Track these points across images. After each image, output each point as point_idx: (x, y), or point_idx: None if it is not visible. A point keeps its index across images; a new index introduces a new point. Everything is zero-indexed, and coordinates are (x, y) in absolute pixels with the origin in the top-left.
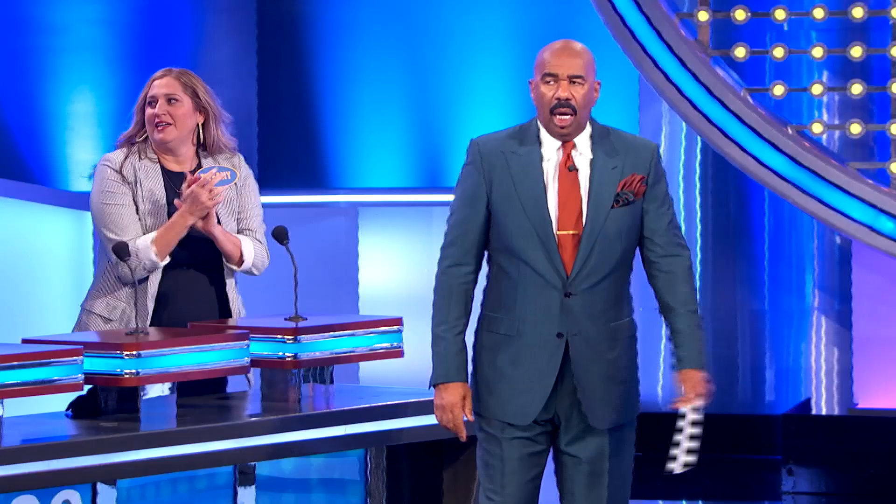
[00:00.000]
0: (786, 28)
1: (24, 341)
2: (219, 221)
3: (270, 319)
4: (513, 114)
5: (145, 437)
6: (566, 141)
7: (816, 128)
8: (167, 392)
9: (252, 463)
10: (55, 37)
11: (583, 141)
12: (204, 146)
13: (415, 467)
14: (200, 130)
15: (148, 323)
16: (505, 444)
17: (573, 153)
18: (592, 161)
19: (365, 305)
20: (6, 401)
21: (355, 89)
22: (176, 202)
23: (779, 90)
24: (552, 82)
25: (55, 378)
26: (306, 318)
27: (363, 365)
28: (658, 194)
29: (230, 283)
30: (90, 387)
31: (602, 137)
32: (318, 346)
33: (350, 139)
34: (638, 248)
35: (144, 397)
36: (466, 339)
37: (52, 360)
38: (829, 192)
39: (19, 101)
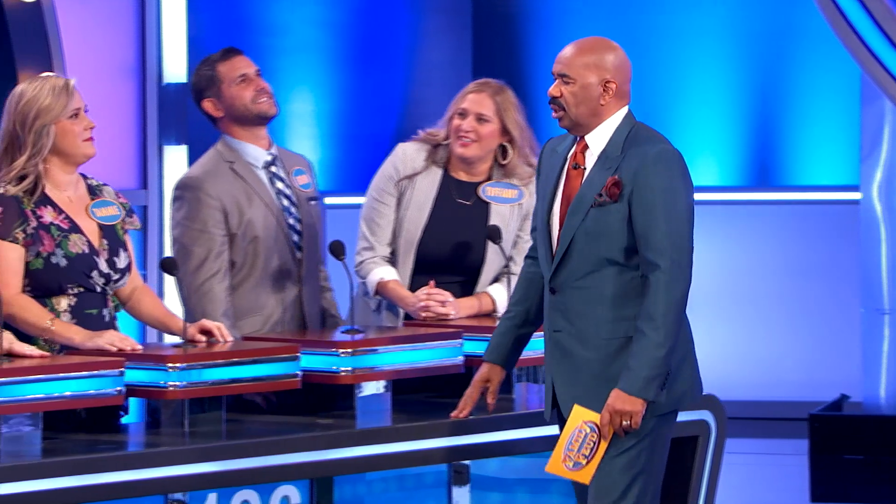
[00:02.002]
0: None
1: (245, 338)
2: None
3: (485, 319)
4: (728, 114)
5: (361, 434)
6: (579, 137)
7: None
8: (382, 390)
9: (466, 462)
10: (276, 37)
11: (596, 139)
12: (502, 166)
13: None
14: (506, 150)
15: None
16: None
17: (586, 152)
18: (597, 159)
19: None
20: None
21: None
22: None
23: None
24: (554, 80)
25: (273, 375)
26: None
27: None
28: (644, 202)
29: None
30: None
31: (619, 137)
32: (531, 346)
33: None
34: None
35: (360, 395)
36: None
37: (270, 357)
38: None
39: None
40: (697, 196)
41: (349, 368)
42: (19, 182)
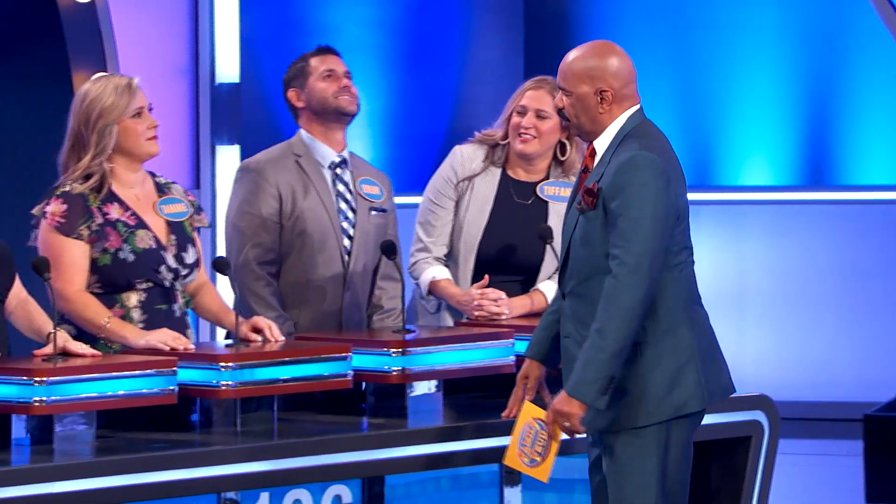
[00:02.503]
0: None
1: (297, 338)
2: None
3: (538, 318)
4: (781, 113)
5: (413, 433)
6: (588, 141)
7: None
8: (433, 390)
9: None
10: (328, 37)
11: (602, 144)
12: (561, 163)
13: None
14: (564, 146)
15: None
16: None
17: (595, 156)
18: (596, 165)
19: None
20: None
21: None
22: (474, 297)
23: None
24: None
25: (324, 374)
26: None
27: None
28: (614, 208)
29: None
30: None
31: (615, 142)
32: None
33: None
34: None
35: (411, 395)
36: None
37: (322, 356)
38: None
39: None
40: (750, 196)
41: (400, 368)
42: (85, 181)
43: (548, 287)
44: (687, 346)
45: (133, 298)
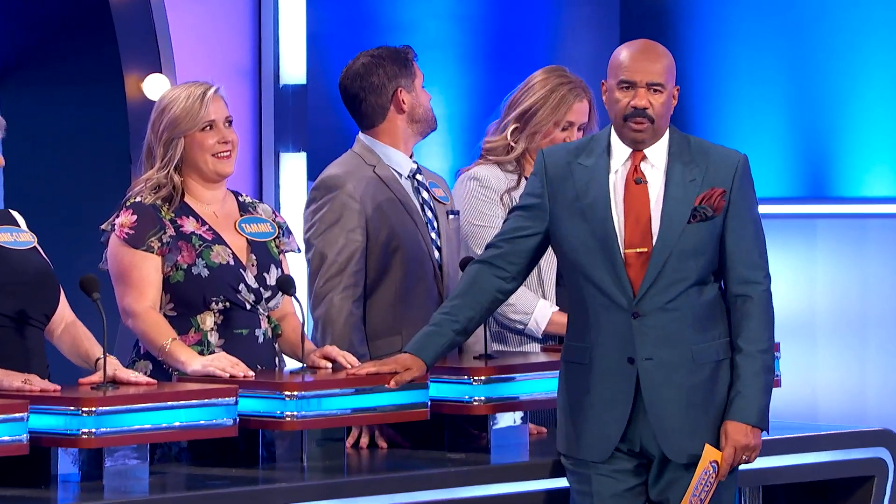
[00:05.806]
0: None
1: None
2: None
3: None
4: None
5: (496, 470)
6: (638, 150)
7: None
8: (518, 422)
9: None
10: (403, 34)
11: (657, 152)
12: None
13: None
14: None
15: None
16: (594, 479)
17: (643, 164)
18: (667, 173)
19: None
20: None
21: (728, 90)
22: None
23: None
24: (628, 89)
25: (399, 404)
26: None
27: None
28: (741, 212)
29: None
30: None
31: (681, 147)
32: None
33: (723, 144)
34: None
35: (494, 427)
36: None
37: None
38: None
39: None
40: (873, 208)
41: (483, 398)
42: (156, 192)
43: None
44: None
45: (209, 321)
